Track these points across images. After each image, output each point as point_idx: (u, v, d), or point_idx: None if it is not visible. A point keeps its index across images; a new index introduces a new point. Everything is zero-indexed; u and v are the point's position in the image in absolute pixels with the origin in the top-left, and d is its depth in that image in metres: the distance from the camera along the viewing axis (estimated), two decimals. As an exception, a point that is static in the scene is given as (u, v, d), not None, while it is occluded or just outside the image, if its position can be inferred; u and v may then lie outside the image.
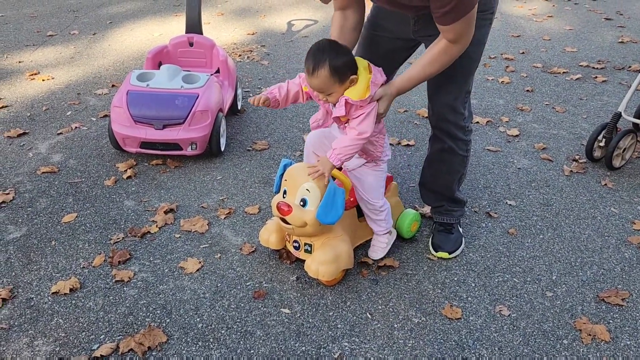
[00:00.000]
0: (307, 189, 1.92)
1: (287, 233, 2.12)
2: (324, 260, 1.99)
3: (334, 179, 2.00)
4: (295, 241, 2.11)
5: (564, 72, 4.30)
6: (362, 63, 1.88)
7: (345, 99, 1.83)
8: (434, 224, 2.39)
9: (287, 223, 1.96)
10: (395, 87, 1.92)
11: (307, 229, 1.95)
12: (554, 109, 3.69)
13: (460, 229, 2.38)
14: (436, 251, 2.28)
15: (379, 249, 2.22)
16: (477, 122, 3.44)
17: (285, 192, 1.98)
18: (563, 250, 2.36)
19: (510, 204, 2.66)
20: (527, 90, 3.97)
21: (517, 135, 3.32)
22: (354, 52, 2.03)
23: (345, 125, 1.93)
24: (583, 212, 2.62)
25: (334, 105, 1.89)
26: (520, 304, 2.06)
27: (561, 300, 2.09)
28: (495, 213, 2.59)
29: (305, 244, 2.08)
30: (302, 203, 1.93)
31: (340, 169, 2.05)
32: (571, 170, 2.95)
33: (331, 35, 2.03)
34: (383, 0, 1.90)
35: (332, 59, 1.78)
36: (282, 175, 2.03)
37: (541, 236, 2.45)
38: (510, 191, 2.77)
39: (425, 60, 1.87)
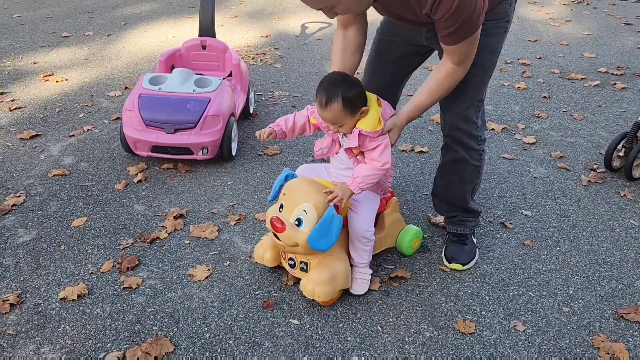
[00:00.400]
0: (304, 210, 1.84)
1: (282, 250, 2.05)
2: (320, 280, 1.92)
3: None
4: (290, 259, 2.03)
5: (582, 78, 4.22)
6: (372, 97, 1.92)
7: (359, 131, 1.86)
8: (447, 235, 2.34)
9: (279, 239, 1.89)
10: (404, 117, 1.96)
11: (298, 249, 1.88)
12: (571, 116, 3.62)
13: (475, 240, 2.32)
14: (449, 262, 2.23)
15: (363, 281, 2.08)
16: (493, 129, 3.38)
17: (282, 206, 1.90)
18: (580, 264, 2.30)
19: (525, 215, 2.60)
20: (544, 97, 3.90)
21: (533, 143, 3.25)
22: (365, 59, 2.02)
23: (357, 157, 1.96)
24: (601, 224, 2.55)
25: (344, 135, 1.94)
26: (535, 319, 2.01)
27: (578, 316, 2.03)
28: (511, 223, 2.53)
29: (301, 262, 2.00)
30: (297, 222, 1.85)
31: None
32: (589, 180, 2.88)
33: (332, 58, 2.06)
34: (392, 15, 1.89)
35: (344, 92, 1.81)
36: (282, 186, 1.97)
37: (558, 248, 2.39)
38: (525, 201, 2.71)
39: (431, 86, 1.90)
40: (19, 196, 2.60)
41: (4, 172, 2.80)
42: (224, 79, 3.04)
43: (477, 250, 2.30)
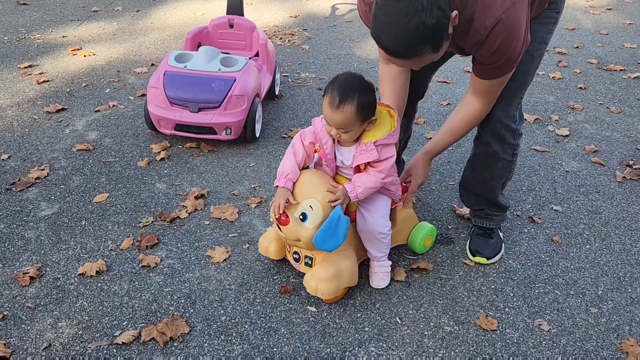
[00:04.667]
0: (310, 206, 1.77)
1: (286, 243, 1.97)
2: (324, 277, 1.85)
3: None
4: (295, 252, 1.96)
5: (621, 70, 4.04)
6: (381, 110, 1.84)
7: (374, 142, 1.76)
8: (473, 227, 2.26)
9: (282, 231, 1.83)
10: (429, 154, 2.02)
11: (300, 244, 1.82)
12: (608, 109, 3.47)
13: (501, 234, 2.25)
14: (474, 256, 2.16)
15: (384, 275, 2.02)
16: (525, 120, 3.26)
17: None
18: (611, 263, 2.21)
19: (555, 210, 2.51)
20: (580, 88, 3.75)
21: (566, 136, 3.13)
22: None
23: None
24: (635, 223, 2.44)
25: (342, 144, 1.84)
26: (561, 319, 1.94)
27: (607, 317, 1.95)
28: (539, 218, 2.44)
29: (306, 257, 1.94)
30: (301, 217, 1.78)
31: None
32: (624, 177, 2.77)
33: (382, 89, 2.00)
34: None
35: (361, 96, 1.71)
36: None
37: (588, 246, 2.30)
38: (556, 196, 2.61)
39: (454, 124, 1.93)
40: (43, 169, 2.61)
41: (29, 145, 2.81)
42: (250, 58, 2.99)
43: (502, 244, 2.22)
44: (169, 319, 1.84)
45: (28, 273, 2.00)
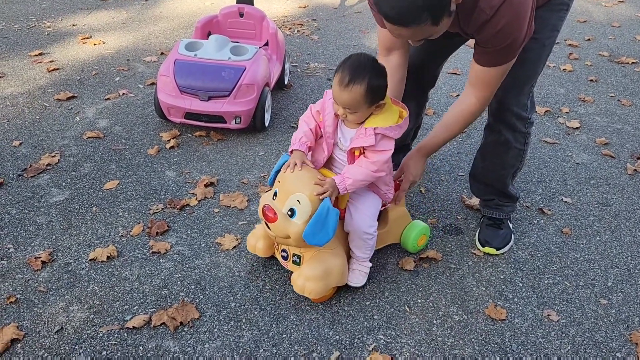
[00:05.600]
0: (298, 200, 1.71)
1: (274, 241, 1.92)
2: (312, 276, 1.79)
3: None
4: (283, 250, 1.91)
5: (632, 63, 4.01)
6: (387, 98, 1.79)
7: (374, 129, 1.71)
8: (482, 218, 2.26)
9: (270, 229, 1.77)
10: (422, 150, 2.00)
11: (290, 242, 1.76)
12: (619, 101, 3.45)
13: (510, 225, 2.24)
14: (483, 246, 2.16)
15: (361, 273, 1.94)
16: (535, 112, 3.24)
17: (275, 194, 1.78)
18: (621, 255, 2.20)
19: (565, 201, 2.50)
20: (591, 80, 3.72)
21: (577, 128, 3.11)
22: None
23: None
24: (646, 216, 2.43)
25: (346, 124, 1.79)
26: (570, 309, 1.93)
27: (616, 309, 1.94)
28: (549, 210, 2.43)
29: (294, 255, 1.88)
30: (289, 213, 1.72)
31: None
32: (635, 169, 2.75)
33: None
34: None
35: (372, 78, 1.67)
36: (278, 171, 1.83)
37: (598, 238, 2.29)
38: (566, 187, 2.60)
39: (449, 120, 1.91)
40: (54, 156, 2.63)
41: (40, 132, 2.83)
42: (260, 47, 2.98)
43: (512, 235, 2.22)
44: (179, 304, 1.85)
45: (40, 257, 2.02)
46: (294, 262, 1.90)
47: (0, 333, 1.71)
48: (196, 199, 2.39)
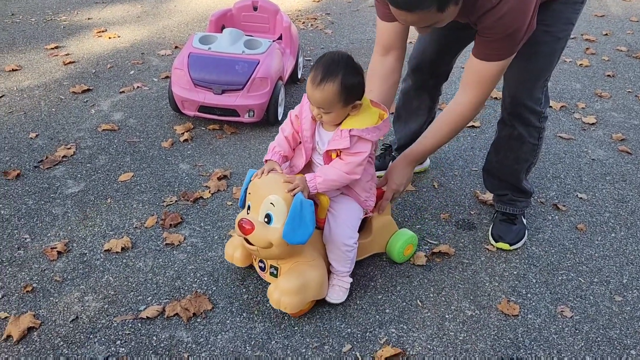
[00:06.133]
0: (271, 203, 1.64)
1: (257, 256, 1.85)
2: (288, 289, 1.70)
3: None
4: (260, 261, 1.85)
5: (651, 58, 3.95)
6: (366, 100, 1.73)
7: (349, 131, 1.64)
8: (496, 213, 2.25)
9: (251, 244, 1.69)
10: (408, 157, 1.93)
11: (274, 250, 1.67)
12: (637, 97, 3.40)
13: (524, 220, 2.23)
14: (496, 241, 2.15)
15: (341, 289, 1.85)
16: (550, 107, 3.21)
17: (249, 208, 1.71)
18: (637, 252, 2.17)
19: (580, 197, 2.47)
20: (608, 75, 3.67)
21: (593, 124, 3.08)
22: None
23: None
24: (662, 213, 2.40)
25: (324, 126, 1.73)
26: (584, 306, 1.92)
27: (631, 306, 1.92)
28: (564, 206, 2.41)
29: (271, 266, 1.81)
30: (266, 219, 1.66)
31: None
32: (652, 166, 2.72)
33: (368, 83, 1.84)
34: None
35: (345, 76, 1.60)
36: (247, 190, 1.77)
37: (613, 235, 2.27)
38: (581, 183, 2.58)
39: (438, 123, 1.87)
40: (70, 148, 2.65)
41: (56, 124, 2.86)
42: (273, 41, 2.98)
43: (526, 231, 2.20)
44: (192, 295, 1.87)
45: (56, 248, 2.05)
46: (271, 273, 1.83)
47: (17, 321, 1.74)
48: (209, 191, 2.40)
